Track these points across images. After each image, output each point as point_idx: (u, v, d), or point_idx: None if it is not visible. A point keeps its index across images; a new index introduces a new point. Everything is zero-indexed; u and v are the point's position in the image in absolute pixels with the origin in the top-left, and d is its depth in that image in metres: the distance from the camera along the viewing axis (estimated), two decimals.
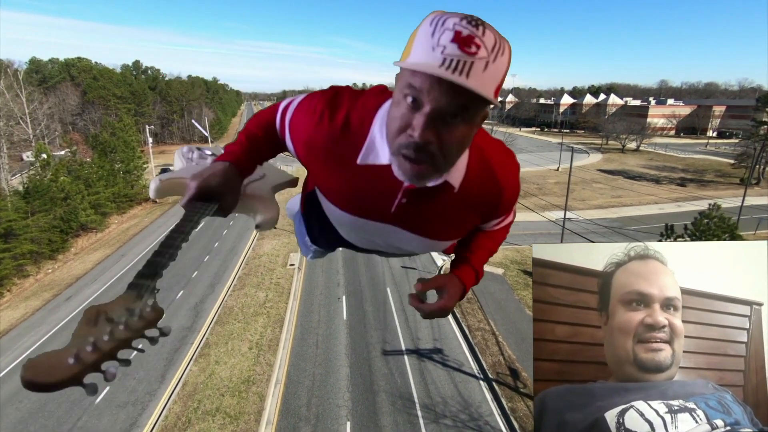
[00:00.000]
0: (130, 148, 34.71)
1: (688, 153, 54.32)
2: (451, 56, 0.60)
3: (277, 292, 17.87)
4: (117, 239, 26.34)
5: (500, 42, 0.64)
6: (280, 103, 1.01)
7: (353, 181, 0.85)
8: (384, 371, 12.64)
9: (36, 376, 0.44)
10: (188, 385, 12.22)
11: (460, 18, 0.62)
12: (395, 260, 20.03)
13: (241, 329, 15.09)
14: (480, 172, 0.84)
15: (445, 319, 15.35)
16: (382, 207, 0.87)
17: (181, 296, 17.37)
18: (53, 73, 60.61)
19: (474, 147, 0.81)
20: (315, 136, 0.85)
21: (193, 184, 0.86)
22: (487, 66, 0.62)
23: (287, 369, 12.85)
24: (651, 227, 25.39)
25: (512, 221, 1.06)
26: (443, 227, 0.91)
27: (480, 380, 12.15)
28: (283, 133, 0.97)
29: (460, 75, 0.60)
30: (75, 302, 17.92)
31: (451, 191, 0.82)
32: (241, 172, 0.96)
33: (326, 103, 0.85)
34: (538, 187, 36.63)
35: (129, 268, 21.21)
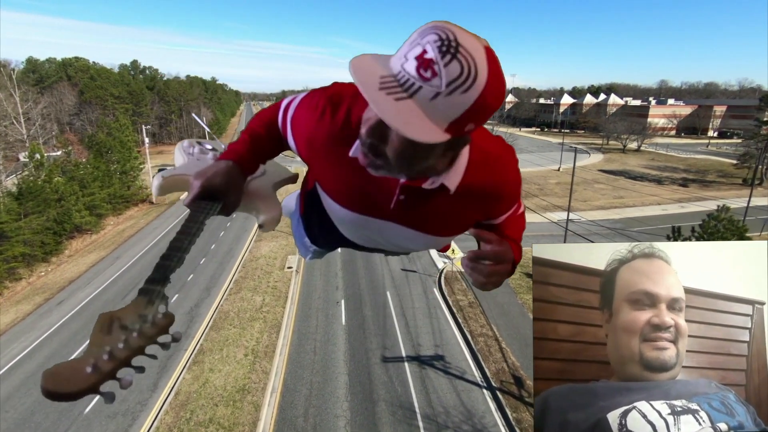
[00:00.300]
0: (127, 149, 34.27)
1: (690, 153, 54.02)
2: (404, 74, 0.59)
3: (275, 296, 17.46)
4: (112, 241, 25.92)
5: (468, 78, 0.57)
6: (282, 101, 1.01)
7: (353, 177, 0.84)
8: (384, 379, 12.24)
9: (56, 386, 0.45)
10: (181, 394, 11.80)
11: (438, 38, 0.57)
12: (395, 263, 19.63)
13: (236, 335, 14.68)
14: (479, 171, 0.82)
15: (447, 324, 14.99)
16: (381, 204, 0.87)
17: (176, 300, 16.95)
18: (50, 73, 60.15)
19: (473, 146, 0.79)
20: (316, 133, 0.86)
21: (196, 183, 0.84)
22: (437, 96, 0.58)
23: (284, 377, 12.44)
24: (654, 228, 25.02)
25: (523, 211, 1.06)
26: (443, 224, 0.91)
27: (483, 389, 11.74)
28: (285, 130, 0.97)
29: (394, 95, 0.58)
30: (67, 306, 17.50)
31: (447, 192, 0.81)
32: (244, 171, 0.94)
33: (328, 100, 0.85)
34: (539, 188, 36.27)
35: (123, 271, 20.80)
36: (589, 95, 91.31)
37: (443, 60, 0.56)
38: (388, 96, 0.58)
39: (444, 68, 0.57)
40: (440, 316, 15.50)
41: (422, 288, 17.79)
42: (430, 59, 0.57)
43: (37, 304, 18.05)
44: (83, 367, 0.47)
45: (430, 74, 0.57)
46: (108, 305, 17.29)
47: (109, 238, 26.78)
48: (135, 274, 20.21)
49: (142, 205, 33.80)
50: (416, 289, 17.73)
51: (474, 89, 0.58)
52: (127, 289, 18.51)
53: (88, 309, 17.11)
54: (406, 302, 16.61)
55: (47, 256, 22.89)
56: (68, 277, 20.74)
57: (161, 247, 21.99)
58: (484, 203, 0.89)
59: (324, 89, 0.89)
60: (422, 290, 17.59)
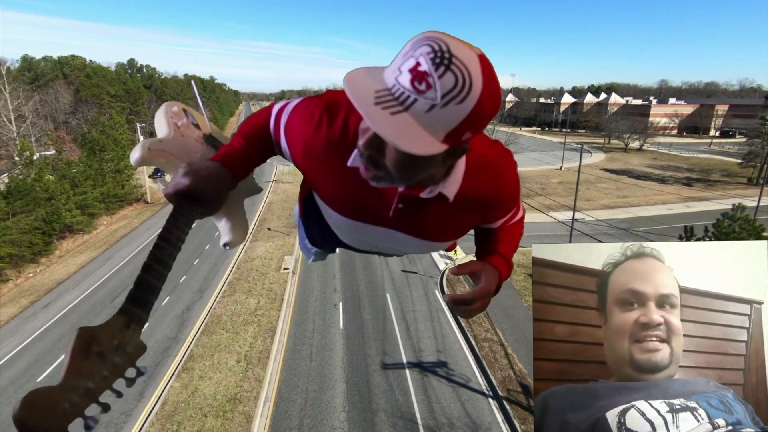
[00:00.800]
0: (121, 147, 33.58)
1: (692, 152, 53.48)
2: (398, 88, 0.59)
3: (270, 299, 16.77)
4: (104, 241, 25.23)
5: (463, 89, 0.57)
6: (273, 106, 0.98)
7: (351, 186, 0.84)
8: (383, 387, 11.57)
9: (33, 419, 0.42)
10: (168, 404, 11.11)
11: (431, 49, 0.57)
12: (395, 264, 18.96)
13: (229, 340, 13.99)
14: (477, 177, 0.82)
15: (450, 328, 14.32)
16: (380, 211, 0.87)
17: (168, 303, 16.26)
18: (46, 71, 59.38)
19: (471, 151, 0.77)
20: (313, 143, 0.85)
21: (185, 181, 0.79)
22: (433, 108, 0.57)
23: (278, 385, 11.75)
24: (662, 228, 24.41)
25: (523, 216, 1.05)
26: (442, 230, 0.92)
27: (489, 398, 11.08)
28: (278, 137, 0.94)
29: (390, 109, 0.58)
30: (53, 309, 16.81)
31: (446, 200, 0.81)
32: (235, 179, 0.91)
33: (323, 109, 0.84)
34: (541, 187, 35.64)
35: (113, 272, 20.11)
36: (590, 94, 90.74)
37: (437, 72, 0.56)
38: (383, 111, 0.57)
39: (438, 80, 0.56)
40: (442, 320, 14.83)
41: (423, 290, 17.12)
42: (424, 71, 0.56)
43: (22, 306, 17.36)
44: (61, 401, 0.44)
45: (425, 87, 0.57)
46: (96, 308, 16.61)
47: (101, 238, 26.08)
48: (126, 275, 19.52)
49: (136, 204, 33.11)
50: (417, 291, 17.06)
51: (469, 99, 0.57)
52: (117, 292, 17.82)
53: (74, 312, 16.43)
54: (407, 305, 15.94)
55: (36, 256, 22.18)
56: (57, 279, 20.05)
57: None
58: (483, 208, 0.89)
59: (319, 98, 0.87)
60: (423, 292, 16.91)
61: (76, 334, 0.49)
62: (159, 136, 1.07)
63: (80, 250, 24.19)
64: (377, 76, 0.62)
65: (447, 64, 0.56)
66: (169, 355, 13.18)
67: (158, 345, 13.60)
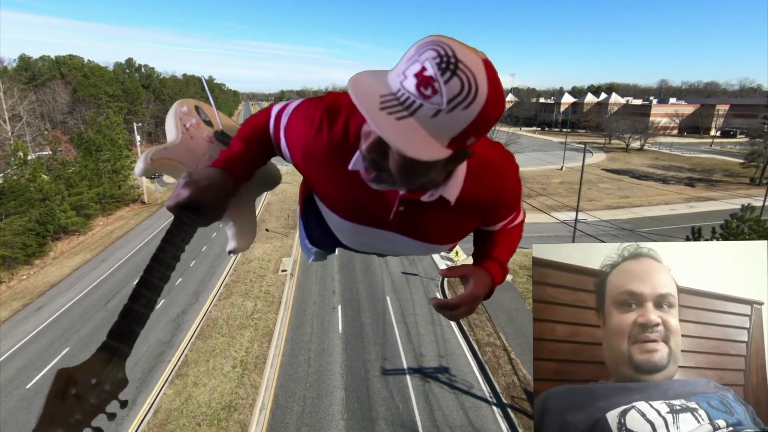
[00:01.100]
0: (117, 147, 33.17)
1: (693, 152, 53.16)
2: (404, 92, 0.58)
3: (267, 302, 16.40)
4: (99, 243, 24.84)
5: (469, 94, 0.56)
6: (272, 108, 0.97)
7: (352, 189, 0.84)
8: (383, 394, 11.20)
9: None
10: (161, 411, 10.74)
11: (437, 54, 0.56)
12: (395, 266, 18.60)
13: (224, 344, 13.62)
14: (478, 180, 0.81)
15: (451, 332, 13.95)
16: (380, 214, 0.86)
17: (162, 306, 15.88)
18: (43, 71, 58.94)
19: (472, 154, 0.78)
20: (313, 146, 0.84)
21: (184, 193, 0.80)
22: (438, 114, 0.57)
23: (274, 392, 11.38)
24: (667, 228, 24.07)
25: (523, 219, 1.04)
26: (443, 233, 0.91)
27: (493, 405, 10.71)
28: (278, 138, 0.94)
29: (395, 114, 0.57)
30: (46, 312, 16.43)
31: (447, 203, 0.80)
32: (236, 183, 0.92)
33: (324, 112, 0.83)
34: (542, 187, 35.31)
35: (108, 274, 19.72)
36: (590, 94, 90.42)
37: (443, 77, 0.56)
38: (389, 116, 0.57)
39: (444, 85, 0.56)
40: (444, 324, 14.46)
41: (424, 292, 16.75)
42: (430, 76, 0.56)
43: (14, 310, 16.97)
44: None
45: (431, 92, 0.56)
46: (89, 311, 16.23)
47: (97, 239, 25.69)
48: (120, 277, 19.15)
49: (133, 205, 32.71)
50: (418, 293, 16.69)
51: (475, 105, 0.57)
52: (111, 294, 17.44)
53: (67, 315, 16.05)
54: (407, 308, 15.57)
55: (29, 258, 21.79)
56: (50, 281, 19.66)
57: (149, 249, 20.91)
58: (484, 211, 0.88)
59: (319, 100, 0.86)
60: (424, 295, 16.54)
61: (54, 377, 0.50)
62: (167, 140, 1.08)
63: (75, 252, 23.81)
64: (382, 79, 0.61)
65: (453, 69, 0.55)
66: (162, 360, 12.81)
67: (152, 350, 13.23)
